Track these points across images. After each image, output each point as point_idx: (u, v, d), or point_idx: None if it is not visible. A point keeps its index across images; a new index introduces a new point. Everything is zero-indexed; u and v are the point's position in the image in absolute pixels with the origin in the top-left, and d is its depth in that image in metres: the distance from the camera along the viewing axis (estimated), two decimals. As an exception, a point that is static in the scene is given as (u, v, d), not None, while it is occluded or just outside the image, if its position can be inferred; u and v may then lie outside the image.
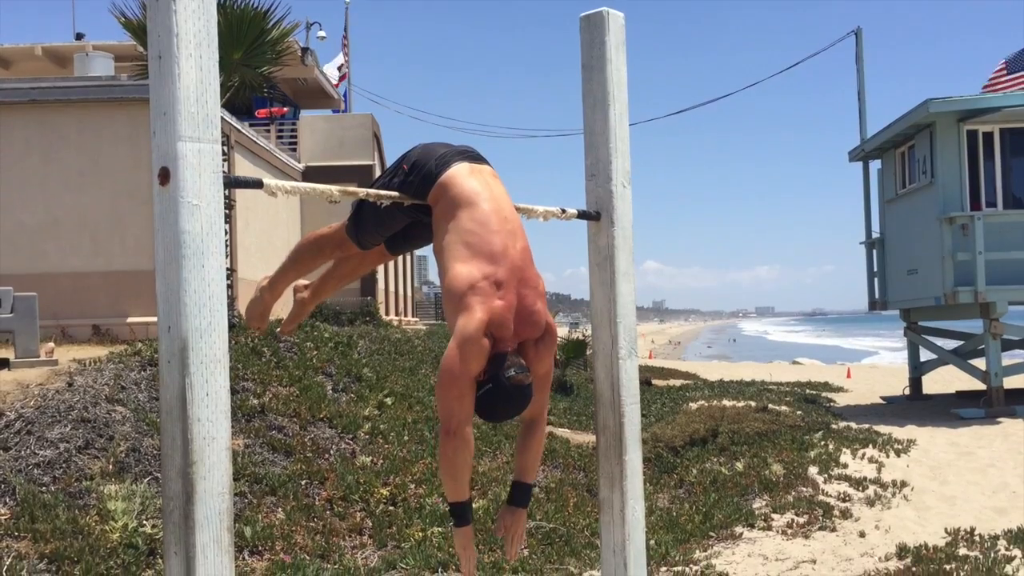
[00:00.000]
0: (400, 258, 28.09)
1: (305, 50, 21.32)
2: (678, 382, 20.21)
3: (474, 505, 7.45)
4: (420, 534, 6.84)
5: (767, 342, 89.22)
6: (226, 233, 12.95)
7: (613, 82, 3.44)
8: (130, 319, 13.48)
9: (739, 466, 9.39)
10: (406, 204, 3.03)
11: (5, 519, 6.08)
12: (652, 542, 6.75)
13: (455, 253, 2.83)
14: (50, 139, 14.06)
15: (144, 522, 6.24)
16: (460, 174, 2.95)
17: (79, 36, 21.97)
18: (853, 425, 12.48)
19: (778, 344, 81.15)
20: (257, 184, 2.52)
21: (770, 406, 13.45)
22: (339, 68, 27.11)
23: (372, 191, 2.97)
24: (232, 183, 2.50)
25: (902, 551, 6.63)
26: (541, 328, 3.00)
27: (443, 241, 2.88)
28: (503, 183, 3.12)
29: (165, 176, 2.24)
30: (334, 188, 2.78)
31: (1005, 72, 16.35)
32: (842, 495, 8.41)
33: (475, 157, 3.05)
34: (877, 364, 37.71)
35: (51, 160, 14.07)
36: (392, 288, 26.74)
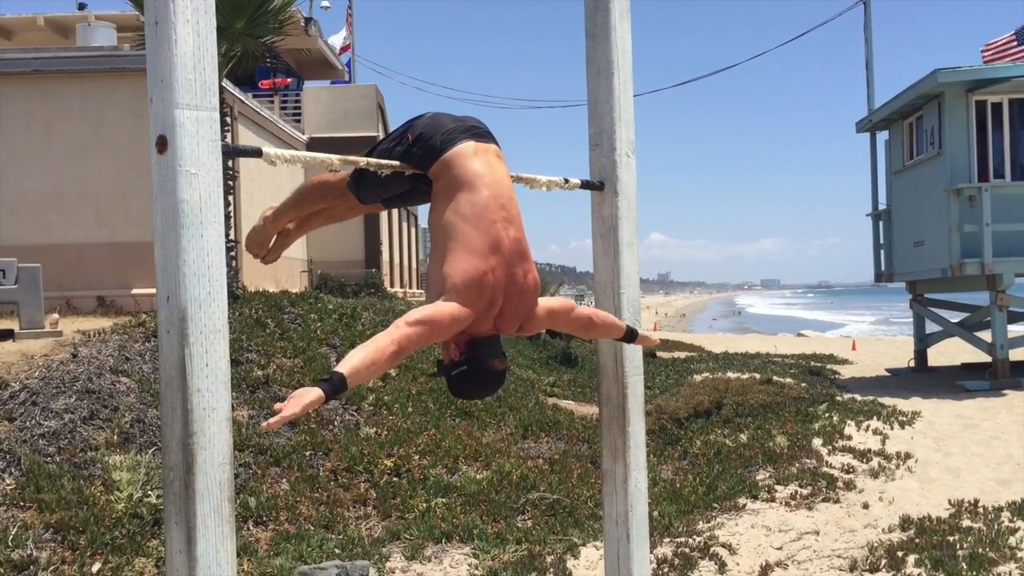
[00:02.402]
0: (405, 230, 28.04)
1: (308, 20, 21.16)
2: (683, 354, 20.20)
3: (478, 477, 7.50)
4: (424, 505, 6.87)
5: (738, 313, 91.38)
6: (229, 205, 12.92)
7: (617, 50, 3.39)
8: (134, 291, 13.49)
9: (743, 438, 9.39)
10: (407, 174, 2.99)
11: (10, 489, 6.11)
12: (655, 513, 6.77)
13: (450, 240, 2.80)
14: (53, 110, 14.01)
15: (149, 492, 6.27)
16: (464, 154, 2.90)
17: (81, 6, 21.81)
18: (858, 397, 12.47)
19: (752, 315, 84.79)
20: (256, 153, 2.49)
21: (774, 378, 13.44)
22: (343, 38, 26.91)
23: (374, 160, 2.93)
24: (231, 151, 2.47)
25: (905, 522, 6.64)
26: (530, 315, 2.99)
27: (440, 220, 2.86)
28: (506, 160, 3.08)
29: (163, 144, 2.21)
30: (334, 157, 2.75)
31: (1015, 43, 16.18)
32: (846, 467, 8.41)
33: (482, 135, 3.00)
34: (847, 335, 37.88)
35: (54, 131, 14.02)
36: (397, 260, 26.73)
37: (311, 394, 2.40)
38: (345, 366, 2.53)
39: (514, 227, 2.90)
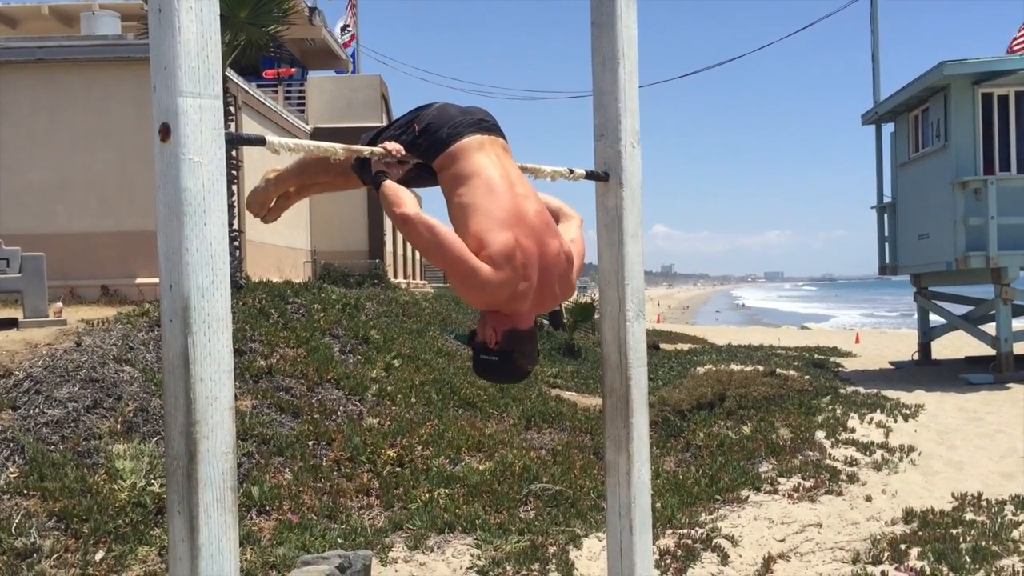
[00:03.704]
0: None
1: (313, 10, 21.13)
2: (686, 346, 20.20)
3: (481, 467, 7.50)
4: (427, 495, 6.87)
5: (742, 306, 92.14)
6: (233, 194, 12.95)
7: (623, 39, 3.37)
8: (138, 280, 13.50)
9: (746, 430, 9.39)
10: (411, 163, 2.98)
11: (14, 478, 6.12)
12: (658, 505, 6.77)
13: (469, 219, 2.74)
14: (57, 99, 14.01)
15: (152, 481, 6.28)
16: (470, 147, 2.87)
17: (86, -5, 21.77)
18: (861, 390, 12.47)
19: (747, 308, 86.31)
20: (260, 141, 2.48)
21: (778, 370, 13.44)
22: (346, 28, 26.86)
23: (378, 150, 2.92)
24: (234, 140, 2.46)
25: (908, 515, 6.64)
26: (569, 290, 3.00)
27: (454, 211, 2.84)
28: (512, 152, 3.06)
29: (166, 132, 2.20)
30: (338, 146, 2.74)
31: None
32: (849, 459, 8.41)
33: (489, 128, 2.97)
34: (825, 328, 37.99)
35: (58, 120, 14.02)
36: (400, 251, 26.72)
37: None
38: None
39: (534, 200, 2.87)
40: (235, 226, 12.40)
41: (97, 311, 10.75)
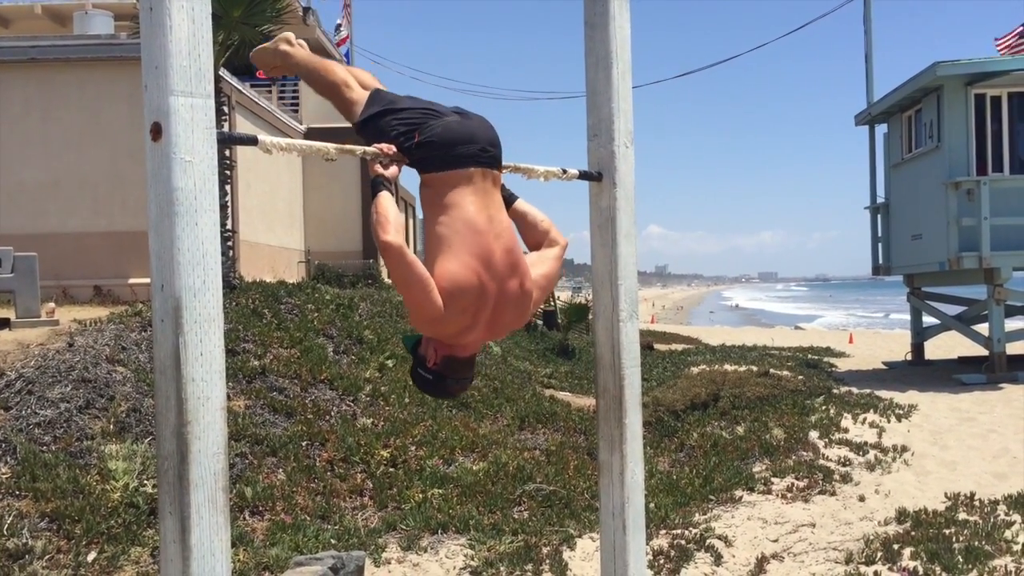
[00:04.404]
0: (402, 221, 28.00)
1: (307, 9, 21.07)
2: (680, 346, 20.22)
3: (475, 468, 7.49)
4: (420, 496, 6.86)
5: (736, 306, 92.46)
6: (227, 194, 12.91)
7: (616, 40, 3.37)
8: (131, 280, 13.46)
9: (740, 430, 9.40)
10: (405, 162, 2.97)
11: (6, 478, 6.10)
12: (652, 505, 6.77)
13: (440, 249, 2.81)
14: (50, 98, 13.96)
15: (145, 482, 6.26)
16: (459, 179, 2.86)
17: (79, -6, 21.71)
18: (854, 390, 12.49)
19: (734, 308, 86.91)
20: (252, 141, 2.47)
21: (772, 371, 13.46)
22: (341, 28, 26.83)
23: (371, 150, 2.91)
24: (226, 139, 2.45)
25: (901, 515, 6.65)
26: (525, 318, 3.07)
27: (431, 230, 2.88)
28: (504, 152, 3.05)
29: (157, 131, 2.19)
30: (330, 145, 2.73)
31: (1021, 34, 16.14)
32: (842, 459, 8.42)
33: (487, 159, 2.93)
34: (817, 328, 38.15)
35: (51, 119, 13.97)
36: (394, 251, 26.65)
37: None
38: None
39: (506, 239, 2.90)
40: (228, 226, 12.37)
41: (90, 311, 10.72)
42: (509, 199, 3.14)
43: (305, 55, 3.39)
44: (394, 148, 2.92)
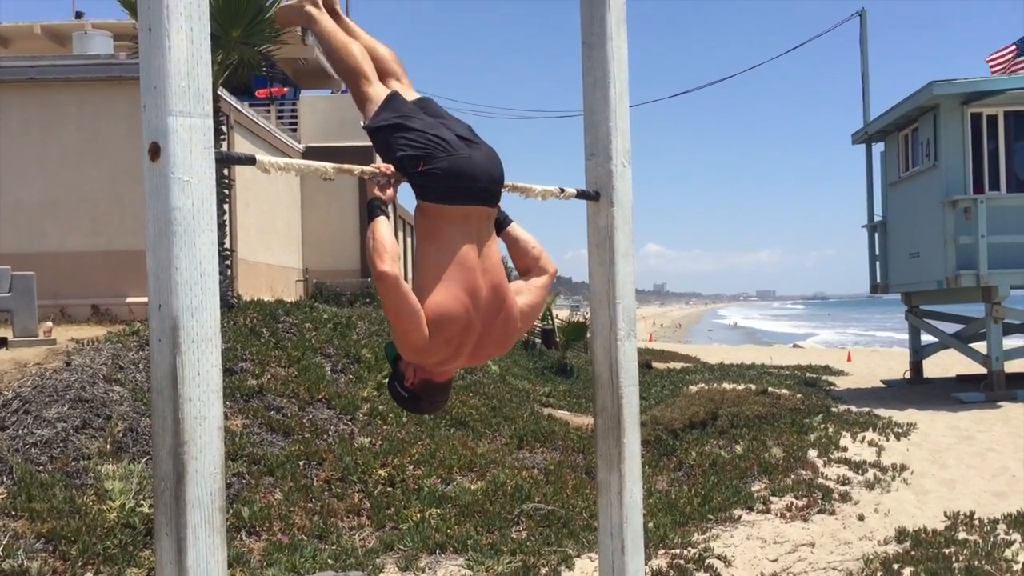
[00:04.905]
0: (400, 239, 28.04)
1: (306, 30, 21.16)
2: (678, 365, 20.20)
3: (473, 487, 7.47)
4: (418, 515, 6.84)
5: (727, 324, 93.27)
6: (226, 213, 12.92)
7: (614, 60, 3.38)
8: (129, 299, 13.45)
9: (739, 449, 9.38)
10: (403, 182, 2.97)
11: (2, 499, 6.08)
12: (650, 524, 6.74)
13: (428, 281, 2.82)
14: (49, 118, 14.00)
15: (141, 502, 6.23)
16: (455, 216, 2.86)
17: (78, 15, 21.82)
18: (853, 408, 12.47)
19: (732, 326, 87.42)
20: (250, 161, 2.47)
21: (770, 389, 13.44)
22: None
23: (368, 169, 2.91)
24: (224, 159, 2.45)
25: (901, 535, 6.63)
26: (509, 346, 3.10)
27: (421, 259, 2.89)
28: (504, 173, 3.07)
29: (155, 151, 2.19)
30: (328, 165, 2.74)
31: (1015, 54, 16.23)
32: (841, 478, 8.40)
33: (487, 196, 2.92)
34: (814, 346, 38.16)
35: (50, 139, 14.01)
36: (392, 269, 26.65)
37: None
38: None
39: (495, 273, 2.91)
40: (227, 245, 12.38)
41: (87, 330, 10.71)
42: (503, 222, 3.14)
43: (329, 26, 3.28)
44: (392, 168, 2.92)
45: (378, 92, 3.10)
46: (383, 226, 2.81)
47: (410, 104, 3.08)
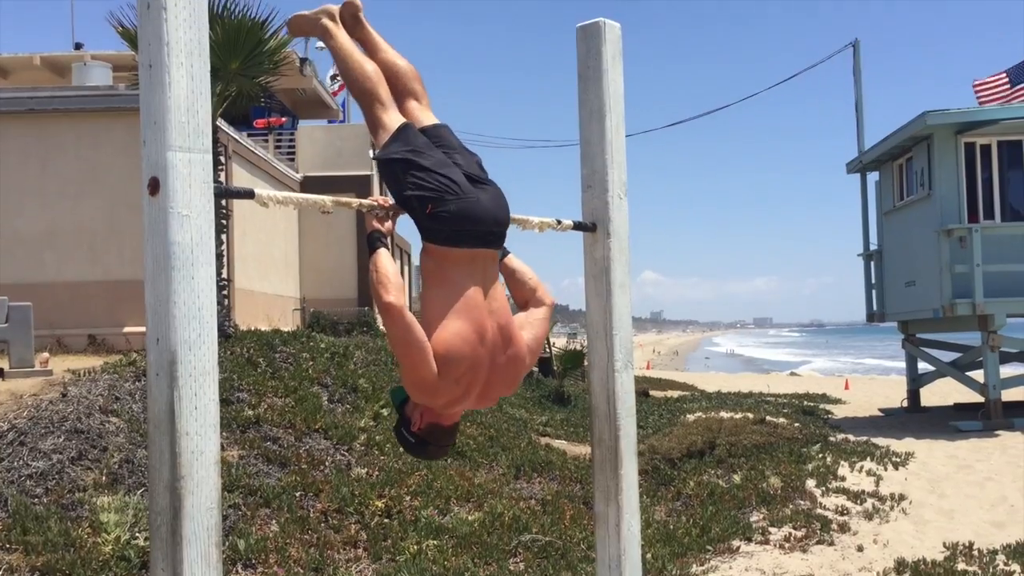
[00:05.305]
0: (398, 267, 28.03)
1: (303, 60, 21.32)
2: (676, 393, 20.16)
3: (470, 518, 7.43)
4: (415, 547, 6.79)
5: (724, 352, 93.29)
6: (223, 243, 12.92)
7: (609, 93, 3.42)
8: (126, 329, 13.43)
9: (737, 479, 9.34)
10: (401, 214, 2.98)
11: (-4, 531, 6.03)
12: (649, 556, 6.70)
13: (435, 322, 2.80)
14: (48, 148, 14.05)
15: (137, 534, 6.19)
16: (461, 259, 2.84)
17: (78, 46, 21.96)
18: (851, 437, 12.44)
19: (730, 354, 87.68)
20: (248, 195, 2.49)
21: (768, 418, 13.41)
22: (335, 77, 27.12)
23: (367, 202, 2.92)
24: (223, 193, 2.47)
25: (900, 566, 6.59)
26: (515, 386, 3.08)
27: (427, 299, 2.87)
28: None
29: (155, 186, 2.21)
30: (327, 198, 2.76)
31: (1007, 85, 16.36)
32: (840, 508, 8.36)
33: (493, 239, 2.91)
34: (811, 374, 38.15)
35: (49, 169, 14.05)
36: (390, 298, 26.63)
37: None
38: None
39: (501, 313, 2.91)
40: (224, 275, 12.39)
41: (84, 360, 10.68)
42: (500, 253, 3.13)
43: (345, 45, 3.17)
44: (391, 200, 2.94)
45: (391, 121, 3.02)
46: (385, 258, 2.80)
47: (422, 137, 3.01)
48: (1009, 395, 14.34)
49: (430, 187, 2.83)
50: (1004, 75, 16.58)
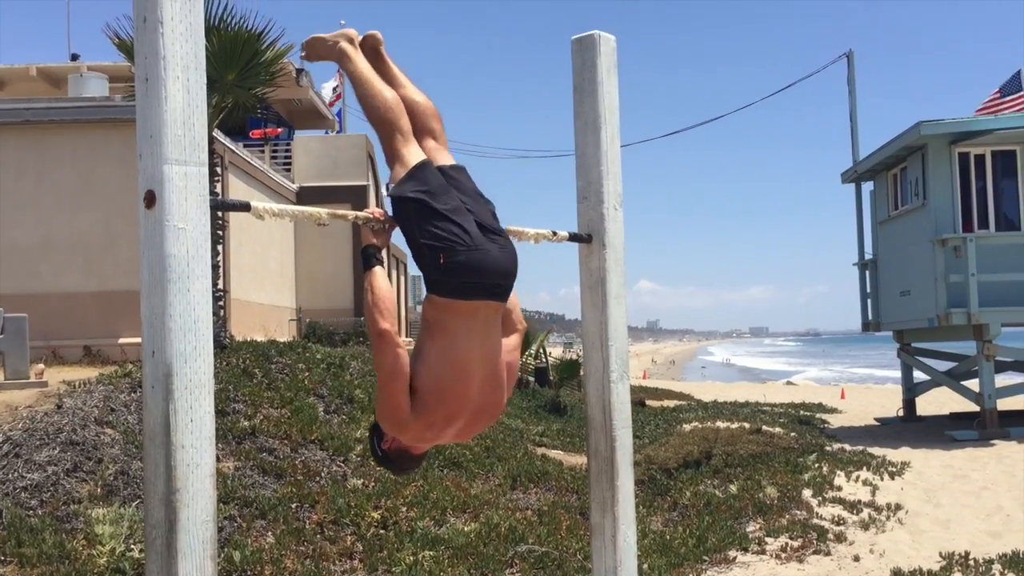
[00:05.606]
0: (394, 278, 28.05)
1: (299, 71, 21.34)
2: (672, 403, 20.16)
3: (467, 528, 7.42)
4: (411, 558, 6.78)
5: (720, 361, 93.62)
6: (219, 254, 12.92)
7: (604, 105, 3.43)
8: (122, 340, 13.40)
9: (733, 489, 9.34)
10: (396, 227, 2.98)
11: (-9, 543, 6.01)
12: (645, 566, 6.69)
13: (428, 378, 2.79)
14: (44, 160, 14.05)
15: (132, 546, 6.17)
16: (463, 311, 2.79)
17: (74, 57, 21.96)
18: (847, 447, 12.45)
19: (726, 363, 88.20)
20: (244, 207, 2.50)
21: (764, 428, 13.41)
22: (334, 89, 27.17)
23: (363, 215, 2.93)
24: (219, 206, 2.48)
25: (897, 575, 6.59)
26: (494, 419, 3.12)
27: (423, 347, 2.85)
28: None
29: (151, 199, 2.22)
30: (323, 210, 2.76)
31: (999, 97, 16.44)
32: (836, 518, 8.36)
33: (498, 292, 2.85)
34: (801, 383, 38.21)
35: (45, 180, 14.04)
36: (386, 309, 26.59)
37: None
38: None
39: (494, 364, 2.91)
40: (220, 285, 12.38)
41: (79, 372, 10.66)
42: None
43: (365, 71, 3.06)
44: (385, 213, 2.95)
45: (411, 156, 2.92)
46: (382, 279, 2.80)
47: (439, 177, 2.91)
48: (1004, 404, 14.36)
49: (442, 236, 2.75)
50: (997, 93, 16.67)
